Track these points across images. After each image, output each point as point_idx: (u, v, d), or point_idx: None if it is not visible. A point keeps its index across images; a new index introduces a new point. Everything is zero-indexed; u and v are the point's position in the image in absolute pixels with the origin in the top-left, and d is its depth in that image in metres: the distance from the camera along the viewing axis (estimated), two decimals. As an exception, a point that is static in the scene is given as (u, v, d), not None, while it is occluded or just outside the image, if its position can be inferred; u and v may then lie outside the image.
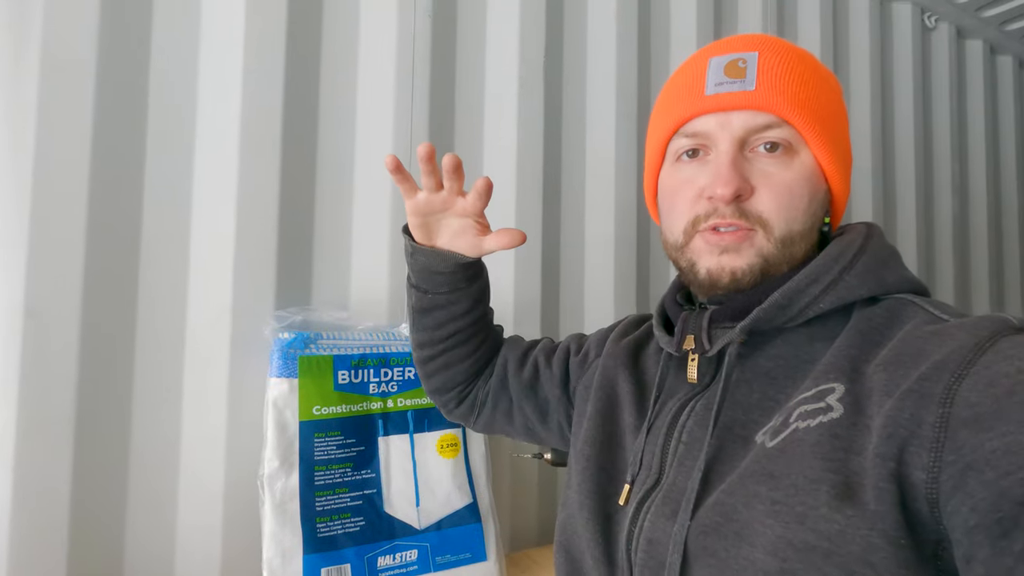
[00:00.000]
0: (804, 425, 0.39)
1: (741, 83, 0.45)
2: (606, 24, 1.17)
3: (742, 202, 0.45)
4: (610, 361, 0.58)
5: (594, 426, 0.54)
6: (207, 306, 0.81)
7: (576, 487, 0.52)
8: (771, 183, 0.45)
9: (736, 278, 0.45)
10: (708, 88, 0.46)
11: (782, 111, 0.44)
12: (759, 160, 0.45)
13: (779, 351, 0.45)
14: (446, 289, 0.63)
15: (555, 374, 0.66)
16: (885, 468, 0.34)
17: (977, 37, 1.88)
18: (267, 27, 0.85)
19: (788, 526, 0.36)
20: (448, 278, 0.62)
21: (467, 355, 0.67)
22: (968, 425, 0.33)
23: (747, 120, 0.45)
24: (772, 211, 0.44)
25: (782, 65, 0.45)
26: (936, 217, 1.75)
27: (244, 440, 0.80)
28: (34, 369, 0.70)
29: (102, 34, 0.75)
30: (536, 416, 0.67)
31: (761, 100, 0.44)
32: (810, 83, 0.45)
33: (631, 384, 0.55)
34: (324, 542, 0.75)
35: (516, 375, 0.68)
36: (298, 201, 0.88)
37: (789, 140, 0.45)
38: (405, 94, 0.96)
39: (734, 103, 0.45)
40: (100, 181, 0.75)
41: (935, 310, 0.41)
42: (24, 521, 0.69)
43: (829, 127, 0.46)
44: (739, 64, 0.45)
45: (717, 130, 0.46)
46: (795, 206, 0.45)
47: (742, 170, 0.45)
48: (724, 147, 0.45)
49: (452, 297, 0.63)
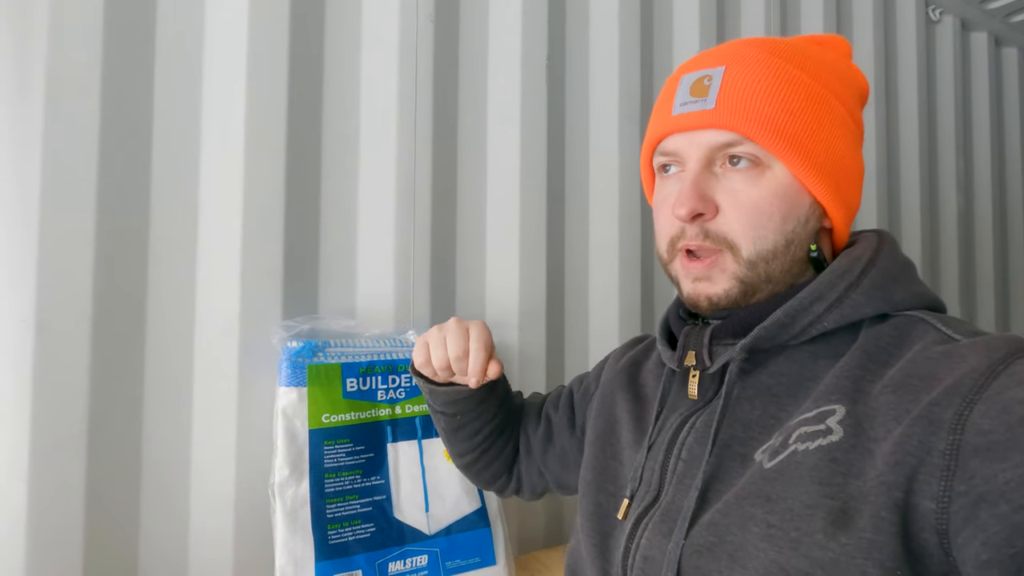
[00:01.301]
0: (803, 447, 0.38)
1: (702, 102, 0.45)
2: (608, 26, 1.17)
3: (706, 222, 0.44)
4: (607, 387, 0.59)
5: (594, 451, 0.55)
6: (215, 317, 0.81)
7: (581, 511, 0.53)
8: (736, 201, 0.44)
9: (713, 303, 0.45)
10: (675, 108, 0.46)
11: (741, 128, 0.43)
12: (728, 176, 0.45)
13: (781, 368, 0.44)
14: (472, 406, 0.66)
15: (563, 419, 0.67)
16: (889, 497, 0.34)
17: (982, 29, 1.87)
18: (269, 35, 0.85)
19: (782, 551, 0.36)
20: (471, 401, 0.65)
21: (505, 444, 0.72)
22: (980, 454, 0.32)
23: (711, 138, 0.44)
24: (737, 231, 0.44)
25: (747, 79, 0.44)
26: (941, 214, 1.74)
27: (254, 449, 0.81)
28: (46, 383, 0.71)
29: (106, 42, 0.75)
30: (559, 466, 0.69)
31: (720, 119, 0.44)
32: (777, 94, 0.43)
33: (629, 402, 0.55)
34: (335, 549, 0.76)
35: (535, 436, 0.71)
36: (303, 210, 0.88)
37: (756, 155, 0.44)
38: (408, 100, 0.95)
39: (695, 123, 0.45)
40: (107, 194, 0.75)
41: (946, 328, 0.40)
42: (40, 531, 0.70)
43: (800, 139, 0.43)
44: (704, 82, 0.45)
45: (686, 147, 0.46)
46: (763, 224, 0.44)
47: (705, 189, 0.44)
48: (691, 165, 0.45)
49: (479, 411, 0.67)
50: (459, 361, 0.59)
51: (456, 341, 0.59)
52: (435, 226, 0.97)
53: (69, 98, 0.73)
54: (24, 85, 0.72)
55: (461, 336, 0.59)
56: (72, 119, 0.73)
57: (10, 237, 0.71)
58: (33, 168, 0.71)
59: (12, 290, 0.71)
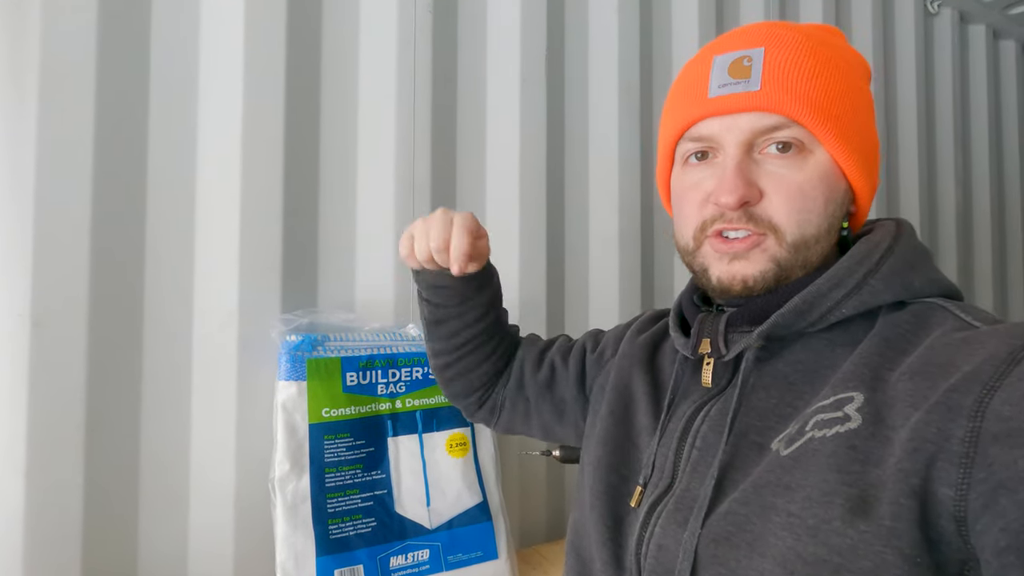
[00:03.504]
0: (820, 435, 0.38)
1: (746, 83, 0.43)
2: (608, 17, 1.16)
3: (750, 207, 0.43)
4: (625, 361, 0.58)
5: (607, 427, 0.54)
6: (214, 310, 0.80)
7: (588, 488, 0.51)
8: (781, 186, 0.43)
9: (748, 286, 0.44)
10: (712, 90, 0.44)
11: (790, 111, 0.42)
12: (769, 162, 0.43)
13: (798, 356, 0.44)
14: (456, 301, 0.62)
15: (571, 373, 0.65)
16: (907, 484, 0.33)
17: (980, 22, 1.87)
18: (267, 27, 0.84)
19: (800, 539, 0.35)
20: (455, 291, 0.62)
21: (483, 359, 0.67)
22: (1000, 441, 0.31)
23: (754, 122, 0.43)
24: (783, 216, 0.43)
25: (791, 61, 0.43)
26: (940, 208, 1.74)
27: (254, 443, 0.80)
28: (43, 377, 0.70)
29: (101, 38, 0.74)
30: (553, 416, 0.67)
31: (767, 101, 0.42)
32: (822, 76, 0.43)
33: (646, 384, 0.54)
34: (336, 544, 0.76)
35: (533, 376, 0.67)
36: (302, 203, 0.87)
37: (801, 139, 0.43)
38: (407, 92, 0.95)
39: (739, 105, 0.43)
40: (103, 186, 0.74)
41: (965, 316, 0.40)
42: (38, 527, 0.69)
43: (844, 123, 0.43)
44: (744, 63, 0.43)
45: (723, 133, 0.44)
46: (808, 208, 0.43)
47: (749, 174, 0.43)
48: (731, 151, 0.44)
49: (463, 308, 0.63)
50: (440, 253, 0.55)
51: (438, 231, 0.55)
52: (435, 219, 0.97)
53: (64, 91, 0.72)
54: (18, 79, 0.71)
55: (444, 226, 0.55)
56: (67, 111, 0.72)
57: (6, 230, 0.70)
58: (28, 161, 0.71)
59: (8, 283, 0.70)
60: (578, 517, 0.52)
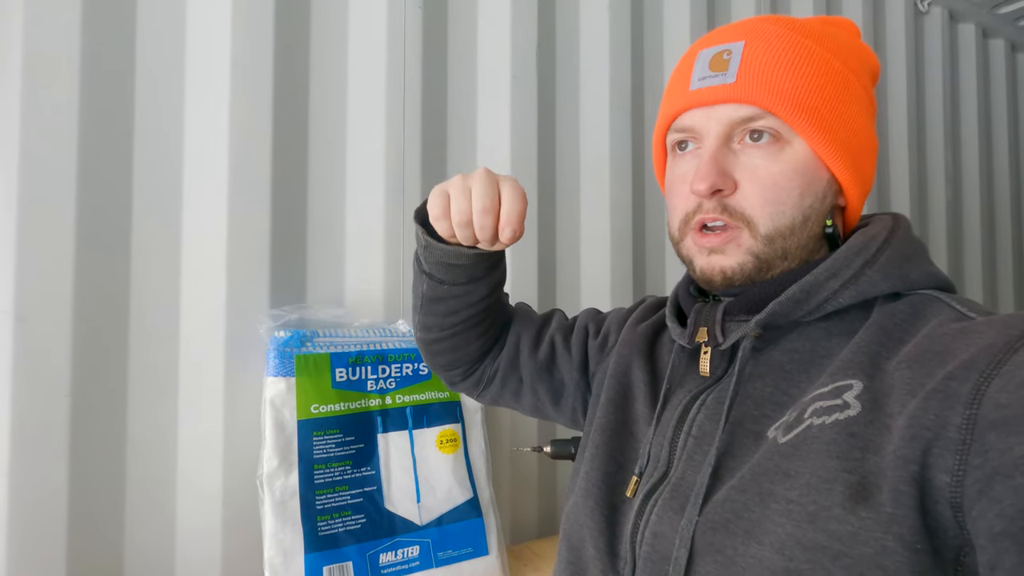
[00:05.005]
0: (819, 422, 0.38)
1: (723, 76, 0.44)
2: (599, 14, 1.16)
3: (724, 198, 0.44)
4: (625, 348, 0.58)
5: (606, 414, 0.54)
6: (201, 306, 0.80)
7: (584, 475, 0.51)
8: (755, 177, 0.44)
9: (727, 276, 0.45)
10: (693, 83, 0.46)
11: (764, 102, 0.43)
12: (746, 152, 0.44)
13: (795, 345, 0.44)
14: (464, 279, 0.57)
15: (574, 358, 0.63)
16: (906, 471, 0.34)
17: (969, 21, 1.88)
18: (254, 22, 0.84)
19: (799, 525, 0.36)
20: (467, 270, 0.57)
21: (477, 336, 0.63)
22: (996, 428, 0.31)
23: (731, 112, 0.44)
24: (756, 208, 0.43)
25: (768, 53, 0.44)
26: (930, 206, 1.75)
27: (242, 440, 0.80)
28: (26, 374, 0.69)
29: (85, 32, 0.74)
30: (549, 397, 0.65)
31: (741, 92, 0.43)
32: (800, 69, 0.44)
33: (645, 373, 0.54)
34: (325, 540, 0.75)
35: (531, 356, 0.64)
36: (290, 197, 0.87)
37: (777, 129, 0.43)
38: (397, 88, 0.94)
39: (716, 97, 0.44)
40: (88, 181, 0.74)
41: (961, 307, 0.40)
42: (22, 527, 0.68)
43: (823, 114, 0.44)
44: (723, 56, 0.45)
45: (703, 123, 0.45)
46: (782, 200, 0.43)
47: (725, 164, 0.44)
48: (709, 140, 0.45)
49: (469, 287, 0.58)
50: (484, 215, 0.47)
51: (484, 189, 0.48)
52: (425, 215, 0.96)
53: (46, 86, 0.71)
54: (0, 74, 0.70)
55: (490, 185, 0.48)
56: (50, 106, 0.72)
57: (-13, 225, 0.69)
58: (11, 154, 0.70)
59: (-11, 279, 0.69)
60: (572, 504, 0.52)
